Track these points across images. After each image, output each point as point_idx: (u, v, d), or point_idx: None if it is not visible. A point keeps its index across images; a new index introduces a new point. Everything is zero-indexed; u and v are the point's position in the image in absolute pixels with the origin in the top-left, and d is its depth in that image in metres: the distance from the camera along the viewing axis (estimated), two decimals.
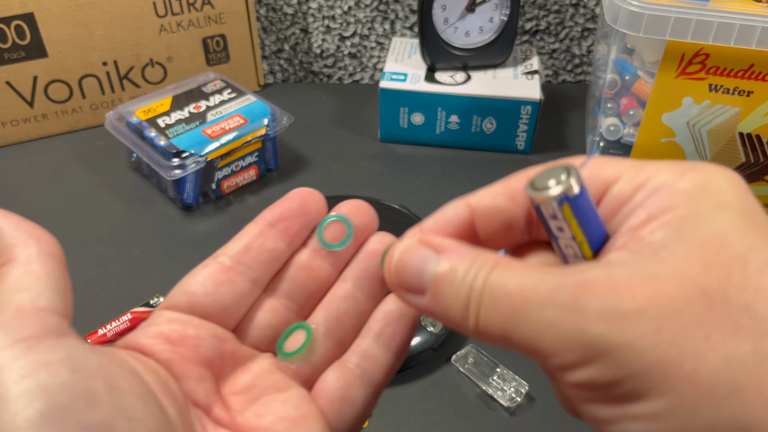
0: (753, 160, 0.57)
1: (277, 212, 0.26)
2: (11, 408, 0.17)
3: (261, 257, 0.25)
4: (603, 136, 0.60)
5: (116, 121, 0.61)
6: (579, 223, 0.19)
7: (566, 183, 0.19)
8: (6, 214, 0.23)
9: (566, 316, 0.18)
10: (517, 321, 0.18)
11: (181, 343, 0.23)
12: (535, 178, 0.20)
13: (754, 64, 0.52)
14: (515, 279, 0.19)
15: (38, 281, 0.20)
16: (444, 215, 0.23)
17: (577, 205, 0.19)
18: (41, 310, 0.19)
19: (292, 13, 0.76)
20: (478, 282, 0.19)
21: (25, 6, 0.62)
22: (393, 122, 0.67)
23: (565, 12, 0.76)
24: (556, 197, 0.19)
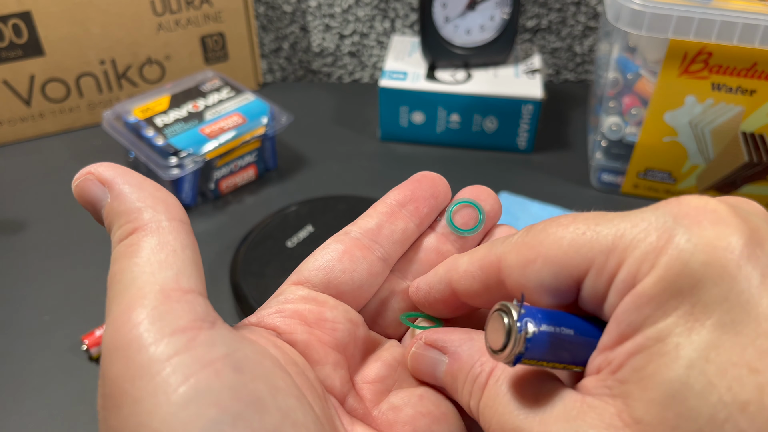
0: (756, 160, 0.57)
1: (407, 192, 0.25)
2: (181, 416, 0.16)
3: (393, 236, 0.24)
4: (605, 135, 0.60)
5: (114, 121, 0.60)
6: (550, 361, 0.18)
7: (510, 343, 0.17)
8: (128, 172, 0.21)
9: None
10: None
11: (319, 326, 0.22)
12: (487, 332, 0.18)
13: (757, 62, 0.52)
14: (497, 417, 0.19)
15: (175, 255, 0.19)
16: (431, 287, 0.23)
17: (534, 353, 0.17)
18: (187, 291, 0.18)
19: (291, 11, 0.76)
20: (473, 403, 0.20)
21: (22, 4, 0.61)
22: (393, 121, 0.67)
23: (567, 10, 0.75)
24: (508, 363, 0.18)
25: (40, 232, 0.57)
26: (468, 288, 0.21)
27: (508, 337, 0.17)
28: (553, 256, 0.18)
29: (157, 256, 0.19)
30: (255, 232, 0.55)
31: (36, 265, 0.54)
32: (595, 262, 0.17)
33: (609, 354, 0.17)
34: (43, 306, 0.50)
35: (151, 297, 0.17)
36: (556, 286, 0.18)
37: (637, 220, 0.17)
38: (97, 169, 0.21)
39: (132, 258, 0.19)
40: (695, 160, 0.58)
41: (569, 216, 0.19)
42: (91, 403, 0.44)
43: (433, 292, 0.23)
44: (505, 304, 0.18)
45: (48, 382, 0.45)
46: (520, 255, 0.19)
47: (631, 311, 0.16)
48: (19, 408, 0.43)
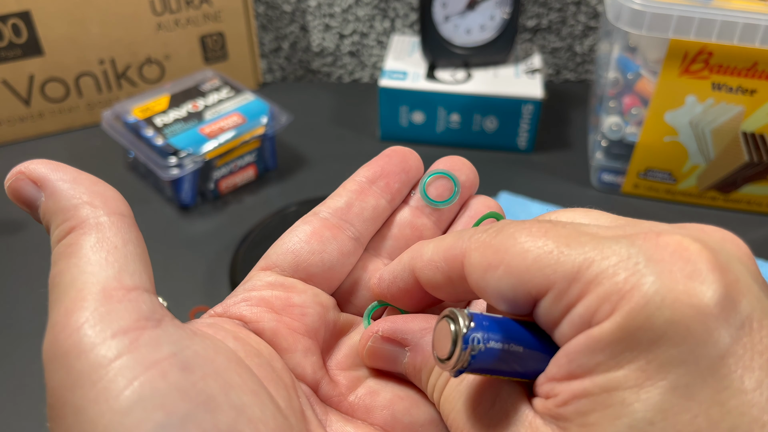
0: (756, 160, 0.57)
1: (377, 168, 0.24)
2: (125, 422, 0.15)
3: (364, 214, 0.23)
4: (605, 135, 0.60)
5: (113, 120, 0.60)
6: (494, 374, 0.17)
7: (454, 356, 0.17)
8: (61, 168, 0.20)
9: None
10: None
11: (287, 312, 0.21)
12: (433, 340, 0.18)
13: (758, 62, 0.51)
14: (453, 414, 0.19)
15: (117, 252, 0.18)
16: (395, 277, 0.22)
17: (479, 366, 0.17)
18: (130, 289, 0.17)
19: (290, 11, 0.76)
20: (436, 396, 0.20)
21: (22, 4, 0.61)
22: (393, 121, 0.67)
23: (567, 10, 0.75)
24: (452, 374, 0.17)
25: (40, 232, 0.57)
26: (431, 278, 0.20)
27: (453, 347, 0.17)
28: (515, 267, 0.17)
29: (96, 254, 0.18)
30: (255, 232, 0.55)
31: (36, 265, 0.54)
32: (555, 286, 0.16)
33: (556, 386, 0.16)
34: (43, 306, 0.50)
35: (91, 298, 0.17)
36: (513, 298, 0.17)
37: (609, 252, 0.16)
38: (28, 167, 0.20)
39: (71, 258, 0.18)
40: (696, 160, 0.58)
41: (545, 224, 0.17)
42: None
43: (396, 282, 0.22)
44: (454, 311, 0.17)
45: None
46: (483, 257, 0.18)
47: (584, 353, 0.16)
48: (18, 408, 0.43)
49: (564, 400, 0.16)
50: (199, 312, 0.49)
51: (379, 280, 0.22)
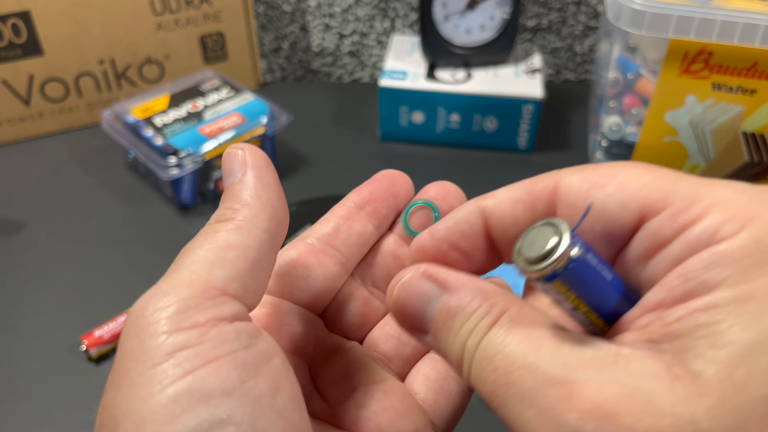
0: (756, 160, 0.57)
1: (365, 194, 0.24)
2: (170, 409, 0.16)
3: (350, 240, 0.24)
4: (605, 135, 0.60)
5: (113, 120, 0.60)
6: (579, 296, 0.17)
7: (553, 256, 0.16)
8: (267, 168, 0.21)
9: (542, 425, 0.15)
10: (500, 401, 0.16)
11: (277, 330, 0.22)
12: (522, 242, 0.17)
13: (758, 62, 0.51)
14: (507, 350, 0.17)
15: (243, 262, 0.19)
16: (458, 225, 0.20)
17: (573, 278, 0.16)
18: (228, 296, 0.18)
19: (290, 11, 0.76)
20: (472, 341, 0.17)
21: (21, 4, 0.61)
22: (393, 121, 0.67)
23: (567, 10, 0.75)
24: (541, 276, 0.16)
25: (39, 232, 0.57)
26: (508, 214, 0.19)
27: (550, 252, 0.16)
28: (628, 185, 0.17)
29: (225, 253, 0.19)
30: None
31: (35, 265, 0.54)
32: (673, 205, 0.16)
33: (664, 312, 0.16)
34: (42, 306, 0.50)
35: (190, 289, 0.18)
36: (617, 219, 0.17)
37: (728, 185, 0.16)
38: (247, 150, 0.21)
39: (205, 243, 0.19)
40: (696, 160, 0.58)
41: (645, 163, 0.18)
42: (90, 403, 0.44)
43: (457, 228, 0.20)
44: (556, 219, 0.16)
45: (47, 382, 0.45)
46: (586, 178, 0.17)
47: (708, 269, 0.15)
48: (18, 408, 0.43)
49: (677, 318, 0.15)
50: None
51: (432, 231, 0.20)
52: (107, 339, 0.46)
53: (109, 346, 0.47)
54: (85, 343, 0.46)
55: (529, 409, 0.16)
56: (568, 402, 0.15)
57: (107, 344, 0.46)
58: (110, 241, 0.56)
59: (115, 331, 0.47)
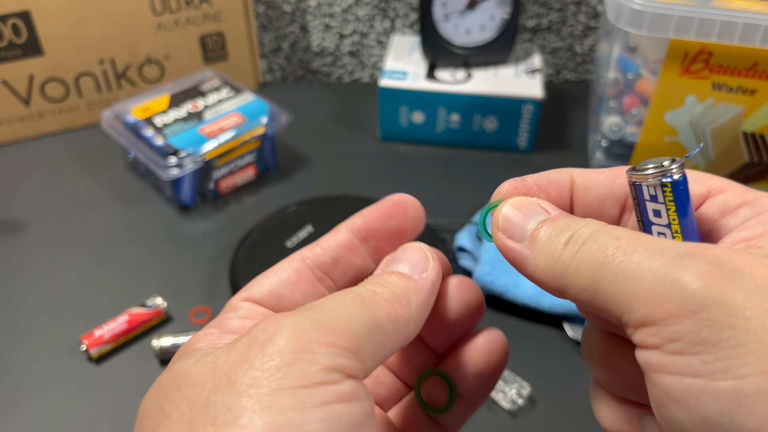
0: (756, 160, 0.57)
1: (372, 225, 0.24)
2: None
3: (348, 274, 0.24)
4: (605, 135, 0.60)
5: (113, 120, 0.60)
6: (677, 210, 0.20)
7: (670, 167, 0.19)
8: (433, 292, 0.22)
9: (674, 267, 0.17)
10: (616, 266, 0.17)
11: None
12: (638, 164, 0.20)
13: (758, 62, 0.51)
14: (626, 232, 0.18)
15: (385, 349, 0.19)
16: (548, 175, 0.22)
17: (678, 191, 0.19)
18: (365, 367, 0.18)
19: (290, 11, 0.76)
20: (585, 230, 0.19)
21: (21, 4, 0.61)
22: (393, 121, 0.67)
23: (567, 10, 0.75)
24: (660, 175, 0.19)
25: (39, 232, 0.57)
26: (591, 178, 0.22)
27: (669, 163, 0.19)
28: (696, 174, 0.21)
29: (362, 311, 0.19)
30: (255, 232, 0.55)
31: (35, 265, 0.54)
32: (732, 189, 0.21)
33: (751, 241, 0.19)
34: (43, 306, 0.50)
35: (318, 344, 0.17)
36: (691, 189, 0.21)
37: None
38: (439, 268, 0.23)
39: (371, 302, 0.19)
40: (696, 160, 0.58)
41: None
42: (90, 403, 0.44)
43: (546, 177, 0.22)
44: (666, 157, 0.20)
45: (47, 382, 0.45)
46: None
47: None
48: (18, 408, 0.43)
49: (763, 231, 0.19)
50: (199, 312, 0.49)
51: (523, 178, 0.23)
52: (107, 339, 0.46)
53: (110, 345, 0.47)
54: (85, 343, 0.46)
55: (659, 259, 0.17)
56: (701, 251, 0.17)
57: (107, 344, 0.46)
58: (110, 241, 0.56)
59: (116, 330, 0.47)
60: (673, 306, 0.16)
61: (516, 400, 0.44)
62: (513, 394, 0.44)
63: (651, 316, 0.17)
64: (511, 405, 0.43)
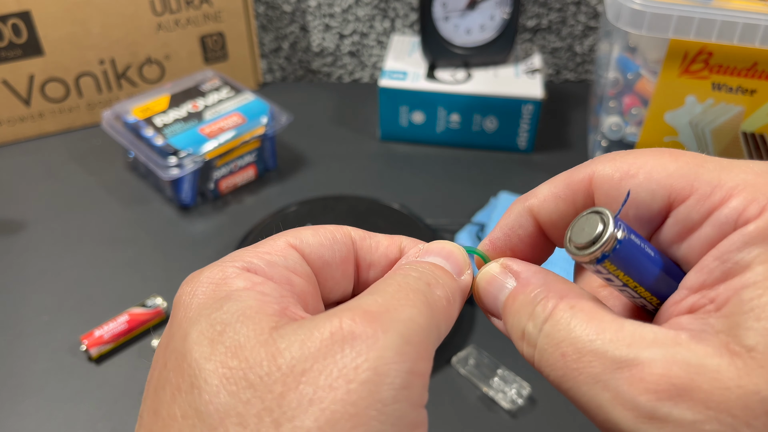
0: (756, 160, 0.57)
1: None
2: None
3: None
4: (605, 135, 0.60)
5: (113, 120, 0.60)
6: (627, 273, 0.18)
7: (601, 240, 0.18)
8: None
9: (619, 406, 0.16)
10: (570, 385, 0.18)
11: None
12: (571, 231, 0.19)
13: (758, 62, 0.51)
14: (573, 336, 0.18)
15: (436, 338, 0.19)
16: (510, 227, 0.22)
17: (621, 258, 0.18)
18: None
19: (290, 11, 0.76)
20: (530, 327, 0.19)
21: (22, 4, 0.61)
22: (393, 121, 0.67)
23: (567, 10, 0.75)
24: (592, 259, 0.18)
25: (39, 232, 0.57)
26: (553, 211, 0.21)
27: (598, 237, 0.18)
28: (656, 174, 0.19)
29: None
30: (255, 232, 0.55)
31: (35, 265, 0.54)
32: (698, 191, 0.18)
33: (708, 292, 0.17)
34: (43, 306, 0.50)
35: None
36: (648, 206, 0.19)
37: (746, 166, 0.18)
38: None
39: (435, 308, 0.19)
40: None
41: (671, 149, 0.19)
42: (90, 403, 0.44)
43: (513, 234, 0.22)
44: (600, 208, 0.19)
45: (47, 382, 0.45)
46: (618, 168, 0.19)
47: (741, 249, 0.17)
48: (18, 408, 0.43)
49: (725, 300, 0.17)
50: None
51: (492, 241, 0.23)
52: (107, 339, 0.46)
53: (110, 345, 0.47)
54: (85, 343, 0.46)
55: (604, 392, 0.17)
56: (641, 383, 0.16)
57: (107, 344, 0.46)
58: (110, 241, 0.56)
59: (116, 331, 0.47)
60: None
61: (516, 400, 0.44)
62: (513, 394, 0.44)
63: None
64: (511, 405, 0.43)
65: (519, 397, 0.44)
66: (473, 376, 0.45)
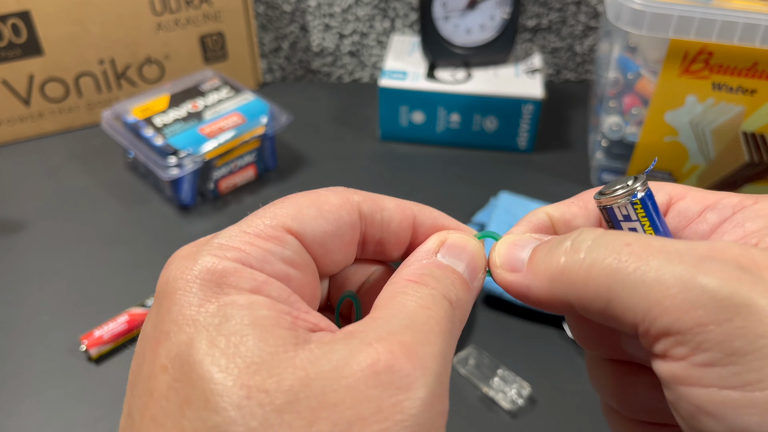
0: (756, 160, 0.57)
1: None
2: None
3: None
4: (605, 134, 0.60)
5: (113, 120, 0.60)
6: (651, 224, 0.20)
7: (635, 186, 0.20)
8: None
9: (699, 272, 0.16)
10: (632, 272, 0.16)
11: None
12: (602, 188, 0.21)
13: (758, 62, 0.51)
14: (633, 236, 0.17)
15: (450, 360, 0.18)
16: (531, 221, 0.23)
17: (648, 205, 0.20)
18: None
19: (290, 10, 0.76)
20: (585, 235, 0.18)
21: (21, 4, 0.61)
22: (393, 121, 0.67)
23: (567, 10, 0.75)
24: (628, 195, 0.20)
25: (39, 232, 0.57)
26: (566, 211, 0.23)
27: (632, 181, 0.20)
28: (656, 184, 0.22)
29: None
30: None
31: (35, 265, 0.54)
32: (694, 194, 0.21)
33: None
34: (42, 306, 0.50)
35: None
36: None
37: None
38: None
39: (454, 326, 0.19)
40: (696, 160, 0.58)
41: None
42: (89, 403, 0.44)
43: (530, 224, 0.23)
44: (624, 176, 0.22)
45: (47, 382, 0.45)
46: None
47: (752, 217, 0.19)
48: (18, 408, 0.43)
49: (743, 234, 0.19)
50: None
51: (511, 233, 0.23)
52: (107, 339, 0.46)
53: (109, 346, 0.47)
54: (85, 343, 0.46)
55: (679, 263, 0.16)
56: (723, 252, 0.16)
57: (107, 344, 0.46)
58: (110, 241, 0.56)
59: (115, 331, 0.47)
60: (702, 314, 0.15)
61: (516, 400, 0.44)
62: (513, 394, 0.44)
63: (676, 324, 0.16)
64: (511, 405, 0.43)
65: (519, 397, 0.44)
66: (473, 377, 0.45)
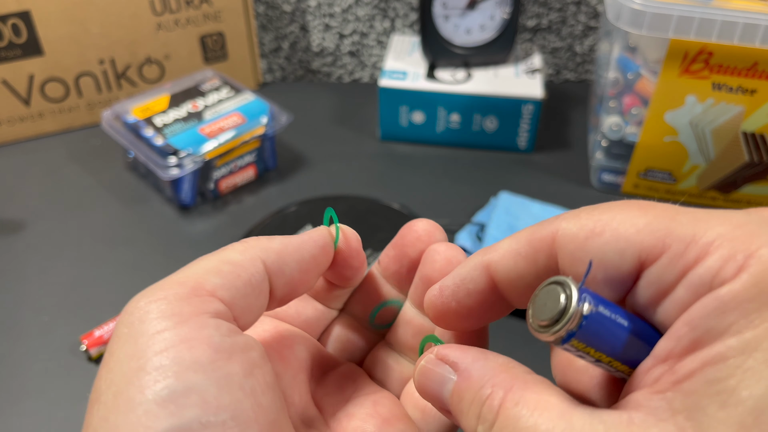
0: (756, 160, 0.57)
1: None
2: (143, 380, 0.17)
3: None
4: (605, 135, 0.60)
5: (113, 120, 0.60)
6: (598, 349, 0.17)
7: (565, 317, 0.16)
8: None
9: None
10: None
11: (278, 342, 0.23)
12: (533, 305, 0.17)
13: (758, 62, 0.51)
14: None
15: (237, 279, 0.20)
16: (462, 279, 0.21)
17: (589, 334, 0.16)
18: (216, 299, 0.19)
19: (290, 10, 0.76)
20: (484, 426, 0.17)
21: (22, 4, 0.61)
22: (393, 121, 0.67)
23: (567, 10, 0.75)
24: (557, 339, 0.16)
25: (39, 232, 0.57)
26: (511, 269, 0.19)
27: (561, 314, 0.16)
28: (624, 231, 0.16)
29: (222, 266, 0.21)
30: (255, 232, 0.55)
31: (35, 265, 0.54)
32: (671, 248, 0.16)
33: (674, 363, 0.15)
34: (43, 306, 0.50)
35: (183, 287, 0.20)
36: (617, 267, 0.17)
37: (723, 218, 0.16)
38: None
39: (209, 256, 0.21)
40: (696, 160, 0.58)
41: (641, 202, 0.17)
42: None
43: (462, 286, 0.20)
44: (561, 277, 0.17)
45: (47, 382, 0.45)
46: (583, 227, 0.17)
47: (713, 316, 0.15)
48: (18, 408, 0.43)
49: (688, 373, 0.15)
50: None
51: (441, 288, 0.21)
52: (107, 339, 0.46)
53: None
54: (85, 343, 0.46)
55: None
56: None
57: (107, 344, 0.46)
58: (110, 241, 0.56)
59: None
60: None
61: None
62: None
63: None
64: None
65: None
66: None
